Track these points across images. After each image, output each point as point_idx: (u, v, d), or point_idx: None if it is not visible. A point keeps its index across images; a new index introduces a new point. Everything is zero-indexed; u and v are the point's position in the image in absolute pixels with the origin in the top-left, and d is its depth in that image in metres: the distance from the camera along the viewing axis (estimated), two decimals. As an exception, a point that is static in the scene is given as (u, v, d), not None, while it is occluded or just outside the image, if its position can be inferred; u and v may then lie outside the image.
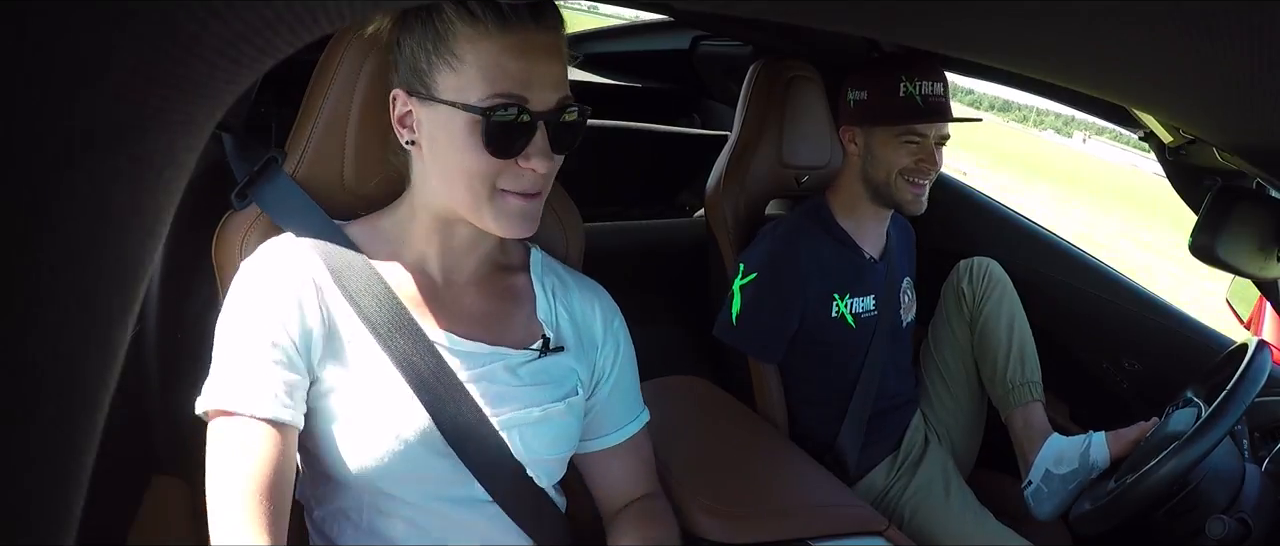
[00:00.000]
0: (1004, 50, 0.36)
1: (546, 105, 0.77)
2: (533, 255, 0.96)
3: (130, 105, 0.18)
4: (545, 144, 0.77)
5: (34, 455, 0.18)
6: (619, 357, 0.96)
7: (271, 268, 0.81)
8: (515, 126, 0.76)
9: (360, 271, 0.83)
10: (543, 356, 0.89)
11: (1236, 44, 0.29)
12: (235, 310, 0.79)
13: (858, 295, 1.49)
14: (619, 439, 0.97)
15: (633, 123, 2.26)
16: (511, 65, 0.74)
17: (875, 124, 1.43)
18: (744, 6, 0.31)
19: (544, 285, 0.93)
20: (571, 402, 0.90)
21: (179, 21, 0.17)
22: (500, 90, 0.75)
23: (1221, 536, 1.07)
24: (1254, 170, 0.90)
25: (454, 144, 0.77)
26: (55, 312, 0.18)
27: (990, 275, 1.61)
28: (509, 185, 0.79)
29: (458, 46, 0.75)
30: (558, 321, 0.92)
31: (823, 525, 1.09)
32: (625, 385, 0.97)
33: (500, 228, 0.80)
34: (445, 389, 0.82)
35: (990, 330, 1.56)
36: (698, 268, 1.72)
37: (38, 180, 0.16)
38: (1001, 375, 1.54)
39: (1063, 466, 1.39)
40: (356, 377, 0.81)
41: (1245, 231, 0.94)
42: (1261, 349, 1.20)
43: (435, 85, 0.77)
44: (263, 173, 0.89)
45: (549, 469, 0.90)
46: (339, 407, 0.80)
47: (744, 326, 1.46)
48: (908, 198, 1.42)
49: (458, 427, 0.82)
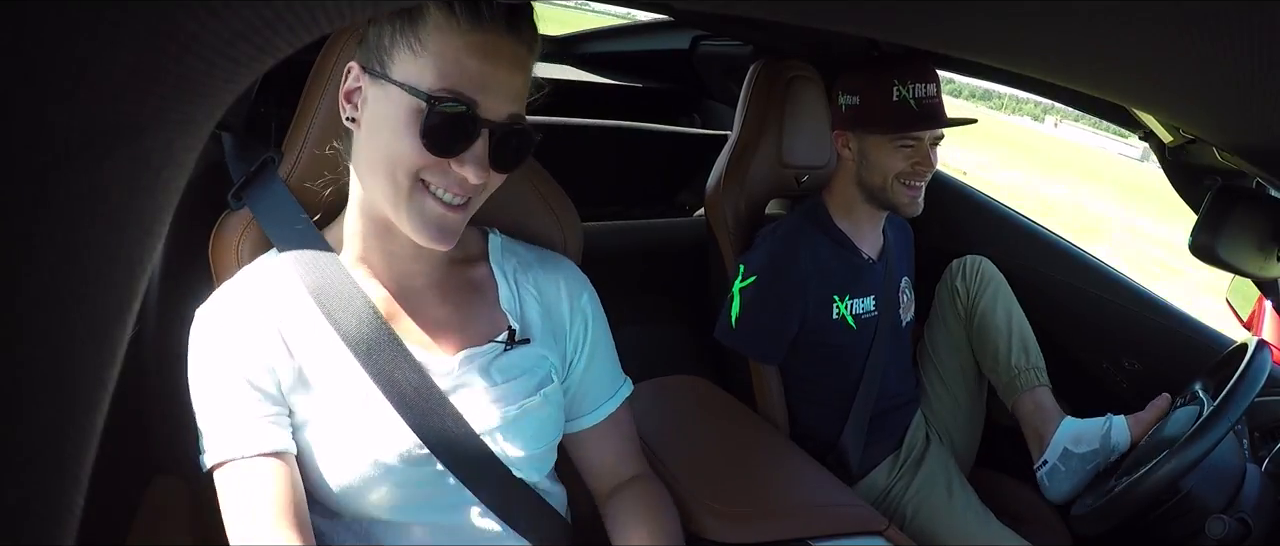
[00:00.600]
0: (1004, 50, 0.36)
1: (497, 114, 0.74)
2: (491, 240, 0.93)
3: (129, 105, 0.17)
4: (484, 152, 0.74)
5: (33, 455, 0.18)
6: (590, 333, 0.94)
7: (228, 315, 0.80)
8: (457, 123, 0.72)
9: (341, 287, 0.81)
10: (509, 349, 0.87)
11: (1236, 44, 0.29)
12: (202, 363, 0.79)
13: (858, 296, 1.48)
14: (600, 416, 0.96)
15: (633, 123, 2.26)
16: (471, 63, 0.72)
17: (869, 130, 1.41)
18: (744, 6, 0.31)
19: (505, 271, 0.91)
20: (547, 392, 0.88)
21: (178, 21, 0.17)
22: (451, 85, 0.72)
23: (1221, 536, 1.07)
24: (1254, 170, 0.90)
25: (391, 126, 0.74)
26: (54, 312, 0.18)
27: (983, 272, 1.61)
28: (434, 183, 0.75)
29: (424, 32, 0.72)
30: (522, 309, 0.90)
31: (823, 525, 1.09)
32: (600, 360, 0.96)
33: (414, 230, 0.77)
34: (428, 404, 0.80)
35: (988, 323, 1.56)
36: (698, 267, 1.72)
37: (36, 180, 0.16)
38: (1005, 363, 1.53)
39: (1083, 445, 1.38)
40: (336, 401, 0.80)
41: (1245, 231, 0.94)
42: (1261, 349, 1.20)
43: (391, 65, 0.74)
44: (259, 173, 0.89)
45: (536, 463, 0.89)
46: (318, 436, 0.80)
47: (744, 329, 1.45)
48: (904, 201, 1.42)
49: (443, 440, 0.81)
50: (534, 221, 1.02)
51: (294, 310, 0.81)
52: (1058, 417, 1.45)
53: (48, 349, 0.18)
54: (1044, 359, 1.55)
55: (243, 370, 0.78)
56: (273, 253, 0.86)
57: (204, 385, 0.79)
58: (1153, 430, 1.32)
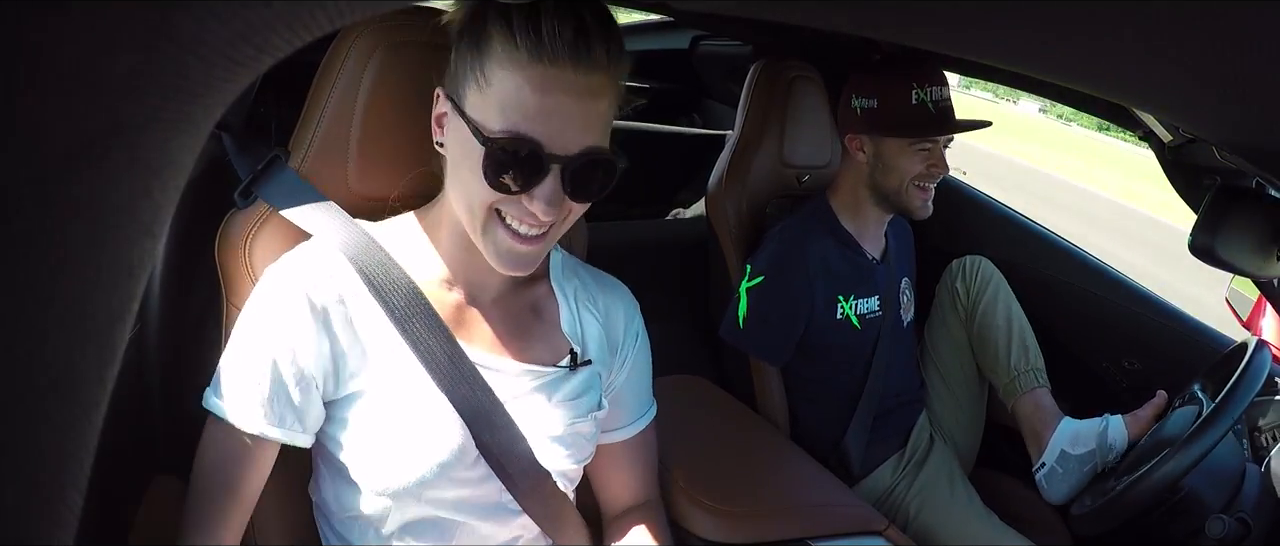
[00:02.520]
0: (1004, 50, 0.36)
1: (567, 149, 0.71)
2: (552, 257, 0.93)
3: (128, 105, 0.17)
4: (555, 189, 0.72)
5: (34, 455, 0.18)
6: (636, 354, 0.96)
7: (297, 283, 0.78)
8: (522, 164, 0.71)
9: (401, 284, 0.80)
10: (572, 372, 0.88)
11: (1237, 44, 0.29)
12: (252, 319, 0.79)
13: (862, 296, 1.48)
14: (628, 434, 0.97)
15: (633, 123, 2.26)
16: (531, 101, 0.69)
17: (890, 134, 1.41)
18: (744, 6, 0.31)
19: (566, 292, 0.91)
20: (595, 415, 0.90)
21: (177, 21, 0.17)
22: (512, 126, 0.70)
23: (1221, 536, 1.07)
24: (1254, 170, 0.90)
25: (468, 162, 0.73)
26: (55, 313, 0.18)
27: (983, 272, 1.61)
28: (509, 215, 0.75)
29: (489, 67, 0.71)
30: (583, 332, 0.90)
31: (823, 525, 1.09)
32: (638, 378, 0.98)
33: (491, 259, 0.78)
34: (485, 409, 0.81)
35: (988, 323, 1.56)
36: (698, 267, 1.72)
37: (36, 181, 0.16)
38: (1005, 364, 1.53)
39: (1079, 446, 1.38)
40: (392, 393, 0.80)
41: (1244, 230, 0.94)
42: (1261, 349, 1.20)
43: (464, 99, 0.73)
44: (267, 171, 0.88)
45: (569, 477, 0.90)
46: (373, 423, 0.80)
47: (751, 329, 1.45)
48: (918, 204, 1.42)
49: (497, 445, 0.81)
50: None
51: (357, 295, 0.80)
52: (1056, 419, 1.45)
53: (48, 349, 0.18)
54: (1044, 359, 1.55)
55: (283, 351, 0.77)
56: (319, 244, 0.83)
57: (243, 339, 0.79)
58: (1152, 429, 1.32)
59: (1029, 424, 1.48)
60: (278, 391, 0.77)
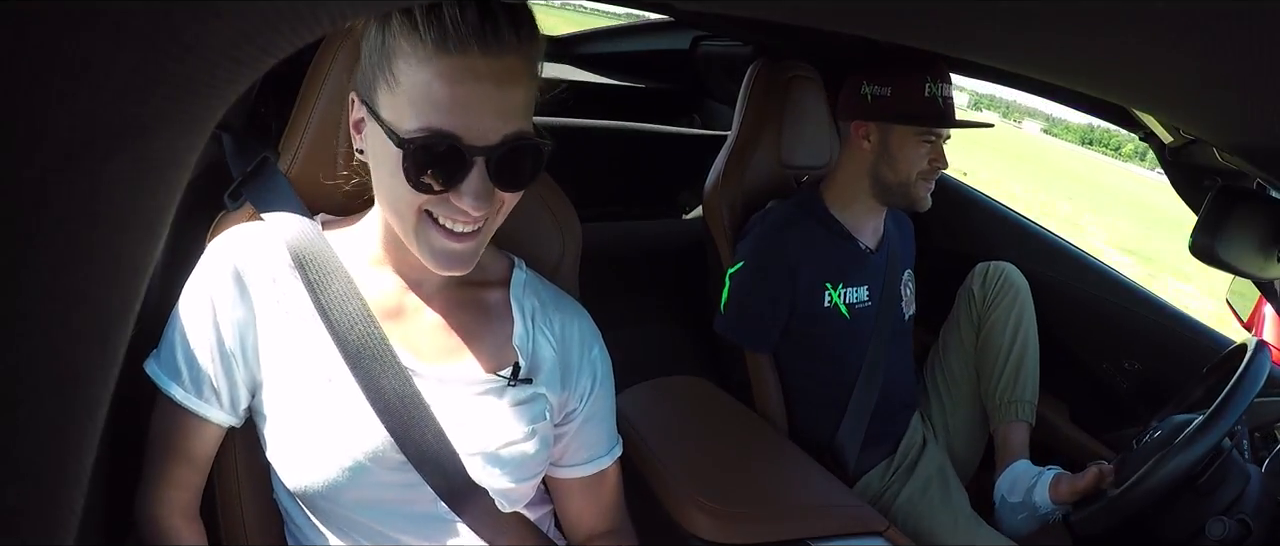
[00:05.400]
0: (1004, 51, 0.36)
1: (486, 140, 0.69)
2: (515, 273, 0.90)
3: (131, 105, 0.17)
4: (481, 182, 0.69)
5: (34, 455, 0.18)
6: (596, 388, 0.92)
7: (228, 254, 0.79)
8: (441, 160, 0.68)
9: (339, 282, 0.79)
10: (511, 385, 0.84)
11: (1237, 44, 0.29)
12: (186, 289, 0.80)
13: (852, 285, 1.49)
14: (589, 471, 0.94)
15: (633, 123, 2.26)
16: (443, 94, 0.67)
17: (900, 122, 1.42)
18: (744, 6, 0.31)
19: (523, 310, 0.88)
20: (538, 432, 0.85)
21: (180, 21, 0.17)
22: (428, 123, 0.67)
23: (1222, 537, 1.07)
24: (1254, 170, 0.90)
25: (387, 166, 0.71)
26: (56, 312, 0.18)
27: (1005, 280, 1.61)
28: (441, 216, 0.73)
29: (396, 65, 0.68)
30: (535, 348, 0.87)
31: (823, 525, 1.09)
32: (600, 417, 0.94)
33: (427, 260, 0.75)
34: (409, 412, 0.78)
35: (993, 337, 1.58)
36: (697, 268, 1.72)
37: (38, 180, 0.16)
38: (994, 388, 1.56)
39: (1013, 495, 1.43)
40: (313, 389, 0.78)
41: (1245, 231, 0.94)
42: (1261, 349, 1.20)
43: (376, 101, 0.71)
44: (257, 172, 0.88)
45: (512, 497, 0.85)
46: (291, 418, 0.78)
47: (732, 314, 1.47)
48: (921, 195, 1.44)
49: (420, 451, 0.79)
50: (531, 223, 1.02)
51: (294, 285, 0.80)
52: (1013, 460, 1.49)
53: (49, 349, 0.18)
54: (1045, 360, 1.55)
55: (214, 321, 0.78)
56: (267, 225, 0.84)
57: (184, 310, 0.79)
58: (1152, 429, 1.32)
59: (998, 454, 1.54)
60: (193, 358, 0.78)
